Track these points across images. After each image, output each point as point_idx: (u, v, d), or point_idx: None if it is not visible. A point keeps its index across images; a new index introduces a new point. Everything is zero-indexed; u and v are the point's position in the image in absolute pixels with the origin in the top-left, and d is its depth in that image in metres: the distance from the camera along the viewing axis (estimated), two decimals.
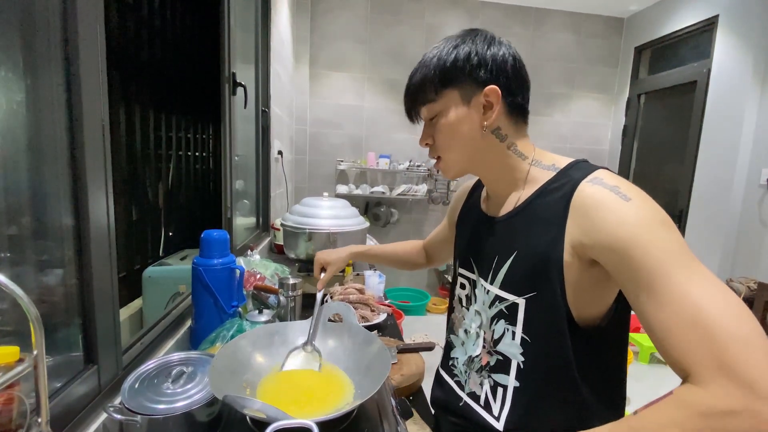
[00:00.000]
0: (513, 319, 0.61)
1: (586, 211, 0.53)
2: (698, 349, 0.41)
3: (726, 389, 0.38)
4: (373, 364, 0.71)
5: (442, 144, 0.65)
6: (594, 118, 3.86)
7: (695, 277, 0.44)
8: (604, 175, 0.55)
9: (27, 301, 0.39)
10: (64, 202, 0.61)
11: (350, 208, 1.54)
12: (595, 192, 0.53)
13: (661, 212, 0.49)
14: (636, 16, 3.63)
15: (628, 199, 0.50)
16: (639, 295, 0.47)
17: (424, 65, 0.63)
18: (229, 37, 1.38)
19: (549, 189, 0.59)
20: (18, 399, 0.43)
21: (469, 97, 0.61)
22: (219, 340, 0.84)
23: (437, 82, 0.61)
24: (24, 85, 0.59)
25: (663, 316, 0.44)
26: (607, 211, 0.50)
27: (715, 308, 0.41)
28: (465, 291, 0.74)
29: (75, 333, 0.65)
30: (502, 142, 0.63)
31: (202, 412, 0.59)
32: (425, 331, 3.18)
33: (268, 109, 2.11)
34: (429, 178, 3.60)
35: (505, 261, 0.63)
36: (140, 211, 1.88)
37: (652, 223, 0.48)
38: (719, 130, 2.82)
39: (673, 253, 0.46)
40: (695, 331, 0.41)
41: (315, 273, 1.00)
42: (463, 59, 0.60)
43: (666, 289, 0.44)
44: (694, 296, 0.43)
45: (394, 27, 3.47)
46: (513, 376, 0.62)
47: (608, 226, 0.50)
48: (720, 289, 0.43)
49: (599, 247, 0.51)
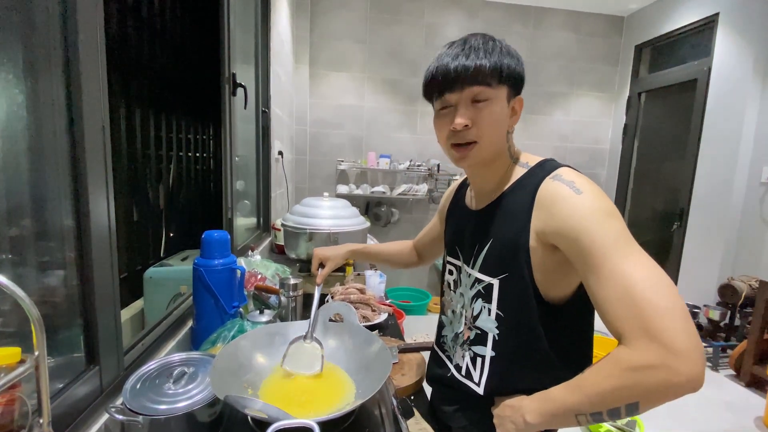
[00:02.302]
0: (489, 297, 0.70)
1: (546, 203, 0.61)
2: (628, 317, 0.50)
3: (648, 348, 0.47)
4: (374, 364, 0.71)
5: (486, 128, 0.66)
6: (594, 116, 3.85)
7: (630, 258, 0.52)
8: (564, 172, 0.63)
9: (28, 303, 0.39)
10: (65, 203, 0.62)
11: (351, 208, 1.54)
12: (555, 187, 0.61)
13: (607, 203, 0.58)
14: (636, 15, 3.62)
15: (580, 193, 0.58)
16: (587, 274, 0.55)
17: (493, 50, 0.64)
18: (229, 38, 1.38)
19: (520, 185, 0.68)
20: (20, 400, 0.43)
21: (510, 99, 0.68)
22: (220, 341, 0.84)
23: (503, 74, 0.65)
24: (25, 86, 0.59)
25: (603, 291, 0.53)
26: (562, 203, 0.59)
27: (642, 283, 0.50)
28: (452, 276, 0.82)
29: (76, 334, 0.65)
30: (506, 143, 0.71)
31: (203, 413, 0.59)
32: (426, 331, 3.18)
33: (268, 110, 2.11)
34: (429, 178, 3.59)
35: (483, 247, 0.71)
36: (141, 212, 1.88)
37: (598, 213, 0.56)
38: (720, 128, 2.82)
39: (614, 239, 0.54)
40: (626, 302, 0.50)
41: (313, 268, 1.01)
42: (520, 69, 0.67)
43: (605, 268, 0.52)
44: (626, 273, 0.51)
45: (394, 27, 3.47)
46: (490, 347, 0.70)
47: (563, 216, 0.58)
48: (649, 267, 0.52)
49: (556, 234, 0.59)
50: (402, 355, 1.05)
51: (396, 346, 1.08)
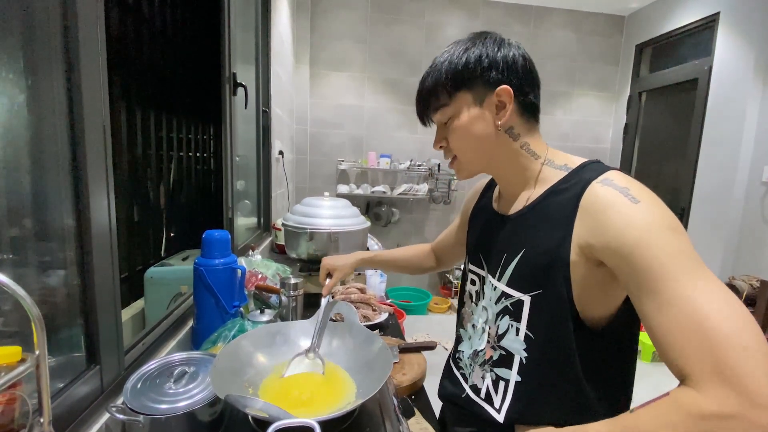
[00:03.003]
0: (518, 315, 0.62)
1: (595, 212, 0.53)
2: (697, 353, 0.41)
3: (722, 394, 0.39)
4: (374, 364, 0.71)
5: (456, 145, 0.66)
6: (595, 116, 3.85)
7: (699, 282, 0.44)
8: (615, 176, 0.55)
9: (29, 302, 0.39)
10: (66, 203, 0.62)
11: (351, 208, 1.54)
12: (604, 193, 0.53)
13: (669, 216, 0.49)
14: (637, 14, 3.62)
15: (637, 202, 0.50)
16: (641, 296, 0.47)
17: (435, 70, 0.64)
18: (230, 38, 1.38)
19: (559, 189, 0.60)
20: (20, 399, 0.43)
21: (482, 98, 0.62)
22: (221, 340, 0.84)
23: (450, 85, 0.62)
24: (25, 86, 0.59)
25: (664, 319, 0.45)
26: (615, 213, 0.50)
27: (717, 313, 0.42)
28: (475, 287, 0.75)
29: (77, 333, 0.65)
30: (515, 141, 0.64)
31: (204, 412, 0.59)
32: (427, 331, 3.18)
33: (269, 110, 2.11)
34: (430, 178, 3.59)
35: (513, 258, 0.63)
36: (142, 212, 1.88)
37: (659, 227, 0.48)
38: (721, 128, 2.81)
39: (678, 258, 0.46)
40: (696, 335, 0.42)
41: (320, 278, 0.98)
42: (474, 61, 0.61)
43: (668, 292, 0.44)
44: (696, 300, 0.43)
45: (394, 26, 3.47)
46: (515, 371, 0.63)
47: (615, 228, 0.50)
48: (724, 295, 0.43)
49: (605, 249, 0.51)
50: (403, 355, 1.05)
51: (397, 345, 1.08)
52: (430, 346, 1.11)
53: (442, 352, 2.57)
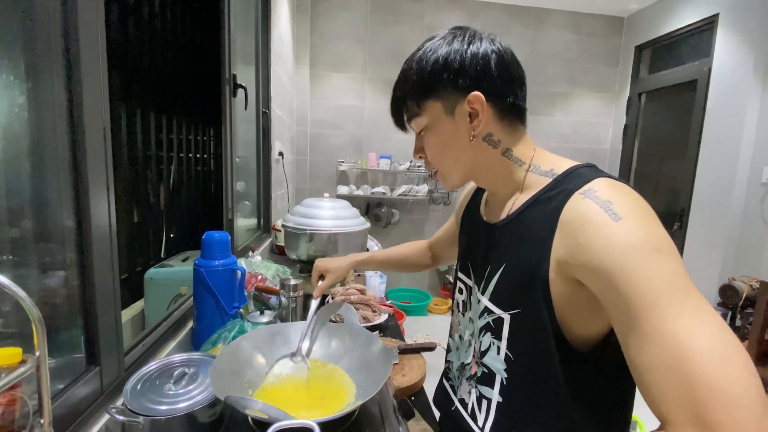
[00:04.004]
0: (498, 333, 0.59)
1: (572, 229, 0.48)
2: (677, 398, 0.37)
3: None
4: (374, 365, 0.71)
5: (432, 158, 0.63)
6: (595, 117, 3.85)
7: (686, 314, 0.39)
8: (600, 186, 0.49)
9: (29, 303, 0.39)
10: (66, 204, 0.62)
11: (351, 209, 1.54)
12: (583, 208, 0.48)
13: (656, 235, 0.44)
14: (636, 15, 3.62)
15: (618, 219, 0.44)
16: (621, 326, 0.43)
17: (404, 75, 0.60)
18: (230, 39, 1.38)
19: (542, 199, 0.55)
20: (20, 400, 0.43)
21: (452, 107, 0.57)
22: (220, 341, 0.84)
23: (417, 94, 0.58)
24: (25, 88, 0.59)
25: (644, 354, 0.40)
26: (593, 231, 0.45)
27: (702, 353, 0.37)
28: (462, 296, 0.72)
29: (77, 335, 0.65)
30: (495, 149, 0.59)
31: (204, 413, 0.59)
32: (427, 332, 3.18)
33: (269, 111, 2.11)
34: (430, 179, 3.59)
35: (495, 272, 0.60)
36: (142, 213, 1.88)
37: (642, 248, 0.42)
38: (720, 129, 2.81)
39: (664, 285, 0.40)
40: (676, 377, 0.37)
41: (312, 280, 0.97)
42: (441, 66, 0.56)
43: (650, 325, 0.40)
44: (679, 336, 0.38)
45: (394, 27, 3.48)
46: (497, 391, 0.59)
47: (592, 249, 0.45)
48: (712, 330, 0.38)
49: (583, 270, 0.47)
50: (402, 356, 1.05)
51: (396, 346, 1.08)
52: (429, 347, 1.11)
53: (441, 353, 2.56)
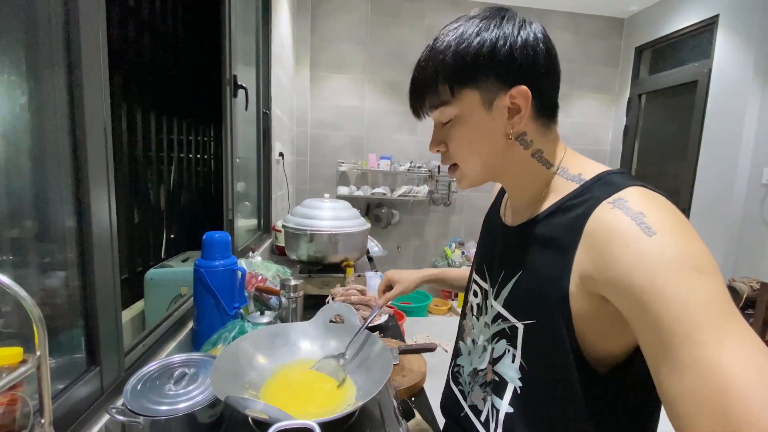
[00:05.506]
0: (514, 341, 0.55)
1: (600, 243, 0.44)
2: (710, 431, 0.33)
3: None
4: (374, 365, 0.71)
5: (457, 153, 0.56)
6: (595, 118, 3.86)
7: (727, 342, 0.35)
8: (632, 195, 0.44)
9: (30, 303, 0.39)
10: (67, 204, 0.62)
11: (351, 210, 1.54)
12: (612, 219, 0.43)
13: (695, 252, 0.39)
14: (636, 16, 3.63)
15: (652, 234, 0.40)
16: (652, 350, 0.39)
17: (437, 55, 0.52)
18: (230, 40, 1.38)
19: (566, 206, 0.50)
20: (21, 400, 0.43)
21: (492, 99, 0.51)
22: (221, 342, 0.84)
23: (453, 80, 0.51)
24: (27, 88, 0.59)
25: (677, 383, 0.36)
26: (623, 246, 0.41)
27: (745, 386, 0.33)
28: (477, 299, 0.68)
29: (78, 335, 0.65)
30: (526, 149, 0.54)
31: (204, 414, 0.59)
32: (427, 333, 3.18)
33: (269, 111, 2.11)
34: (430, 180, 3.60)
35: (510, 278, 0.56)
36: (142, 214, 1.89)
37: (678, 268, 0.38)
38: (720, 130, 2.82)
39: (701, 311, 0.36)
40: (712, 409, 0.33)
41: (379, 289, 0.93)
42: (488, 52, 0.49)
43: (686, 353, 0.35)
44: (718, 366, 0.34)
45: (394, 28, 3.48)
46: (507, 401, 0.55)
47: (622, 266, 0.40)
48: (757, 358, 0.34)
49: (609, 287, 0.42)
50: (403, 357, 1.05)
51: (397, 347, 1.08)
52: (430, 348, 1.11)
53: (442, 354, 2.57)
